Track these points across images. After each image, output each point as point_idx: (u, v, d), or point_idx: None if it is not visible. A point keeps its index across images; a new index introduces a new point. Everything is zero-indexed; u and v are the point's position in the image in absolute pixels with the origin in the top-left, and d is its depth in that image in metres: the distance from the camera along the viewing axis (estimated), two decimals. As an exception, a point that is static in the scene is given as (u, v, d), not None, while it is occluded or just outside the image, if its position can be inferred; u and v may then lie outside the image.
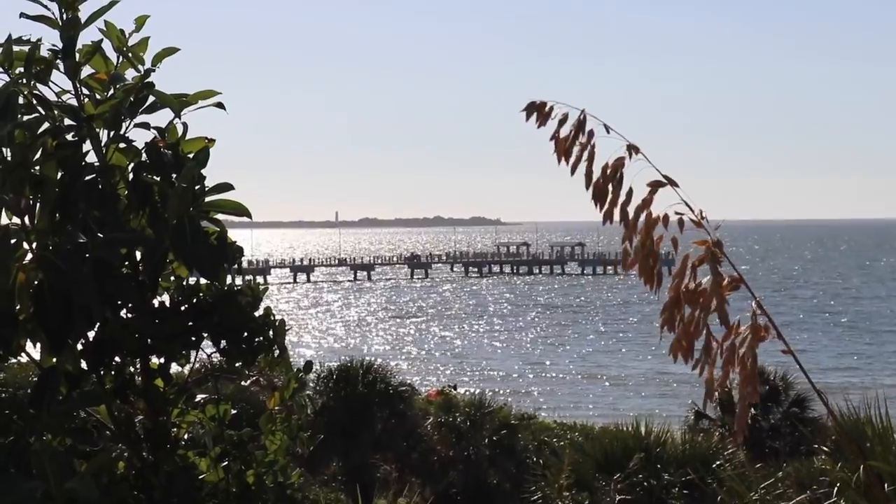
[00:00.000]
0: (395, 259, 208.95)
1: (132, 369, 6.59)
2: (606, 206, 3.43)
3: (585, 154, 3.46)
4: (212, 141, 6.46)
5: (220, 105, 6.36)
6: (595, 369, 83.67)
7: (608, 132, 3.45)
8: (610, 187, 3.42)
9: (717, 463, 16.98)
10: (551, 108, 3.55)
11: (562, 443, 25.11)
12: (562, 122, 3.52)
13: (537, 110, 3.54)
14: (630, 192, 3.42)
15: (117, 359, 6.50)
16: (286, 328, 6.87)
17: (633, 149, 3.41)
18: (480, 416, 28.75)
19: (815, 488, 8.38)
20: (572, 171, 3.47)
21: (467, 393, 36.76)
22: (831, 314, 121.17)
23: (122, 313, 6.34)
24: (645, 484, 16.55)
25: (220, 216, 6.45)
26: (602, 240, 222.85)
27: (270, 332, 6.70)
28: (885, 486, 6.55)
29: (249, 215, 6.40)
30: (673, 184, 3.32)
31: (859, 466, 7.06)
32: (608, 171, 3.42)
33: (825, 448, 7.81)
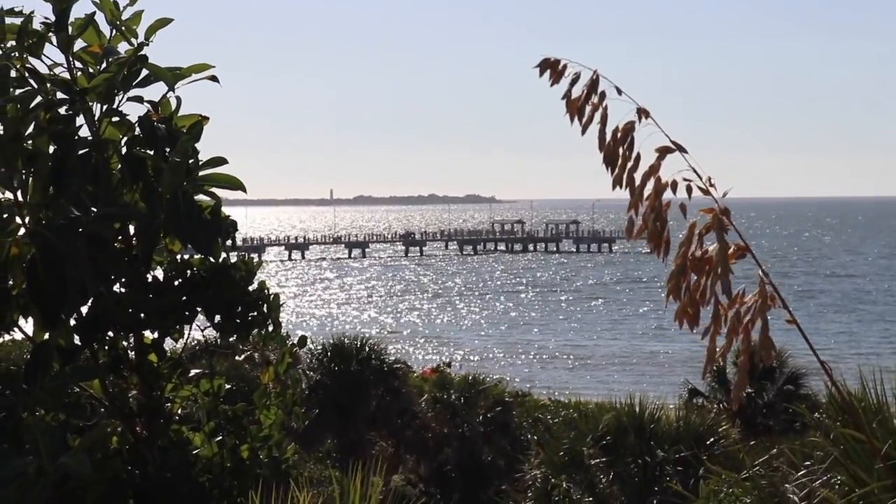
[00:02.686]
0: (389, 237, 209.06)
1: (125, 344, 6.58)
2: (617, 170, 3.38)
3: (597, 115, 3.41)
4: (205, 119, 6.42)
5: (213, 78, 6.32)
6: (589, 347, 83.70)
7: (619, 94, 3.40)
8: (620, 151, 3.37)
9: (711, 440, 16.99)
10: (564, 67, 3.50)
11: (556, 420, 25.13)
12: (574, 81, 3.47)
13: (551, 67, 3.49)
14: (638, 158, 3.38)
15: (110, 334, 6.48)
16: (280, 303, 6.85)
17: (643, 113, 3.36)
18: (475, 393, 28.77)
19: (809, 464, 8.36)
20: (583, 131, 3.42)
21: (462, 369, 36.78)
22: (819, 293, 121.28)
23: (116, 288, 6.32)
24: (639, 461, 16.57)
25: (214, 191, 6.42)
26: (598, 217, 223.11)
27: (265, 307, 6.69)
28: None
29: (244, 189, 6.36)
30: (682, 150, 3.28)
31: (850, 441, 7.06)
32: (618, 135, 3.37)
33: (826, 421, 7.81)
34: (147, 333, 6.57)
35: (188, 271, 6.57)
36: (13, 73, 6.03)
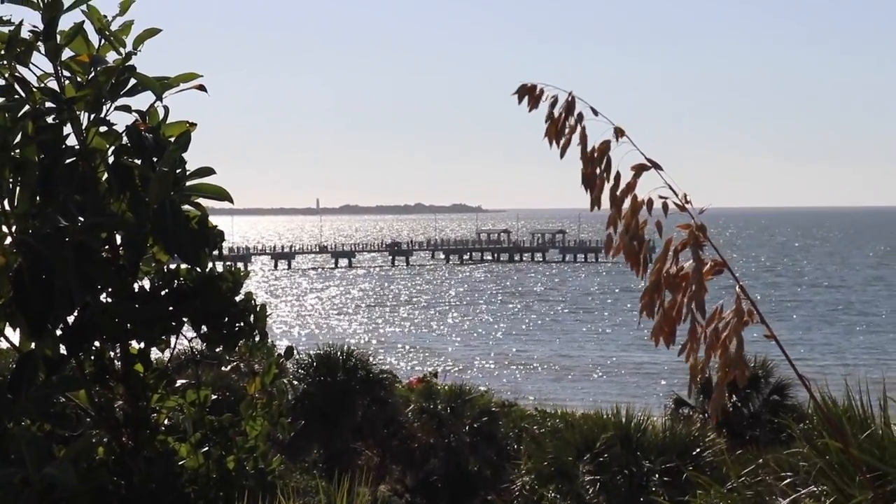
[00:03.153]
0: (376, 246, 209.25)
1: (112, 354, 6.56)
2: (595, 191, 3.43)
3: (576, 137, 3.45)
4: (193, 125, 6.42)
5: (201, 87, 6.32)
6: (575, 357, 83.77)
7: (596, 115, 3.45)
8: (598, 171, 3.41)
9: (697, 450, 17.02)
10: (542, 91, 3.55)
11: (542, 430, 25.14)
12: (552, 104, 3.51)
13: (528, 93, 3.54)
14: (618, 176, 3.42)
15: (97, 343, 6.47)
16: (267, 314, 6.85)
17: (619, 132, 3.40)
18: (461, 403, 28.78)
19: (794, 475, 8.38)
20: (562, 154, 3.47)
21: (447, 380, 36.78)
22: (805, 303, 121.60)
23: (102, 298, 6.31)
24: (625, 471, 16.59)
25: (200, 201, 6.42)
26: (584, 227, 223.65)
27: (251, 317, 6.68)
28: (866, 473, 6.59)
29: (231, 199, 6.36)
30: (657, 167, 3.32)
31: (836, 452, 7.09)
32: (595, 155, 3.41)
33: (811, 432, 7.84)
34: (133, 343, 6.56)
35: (175, 281, 6.57)
36: (1, 82, 6.03)
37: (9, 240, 5.92)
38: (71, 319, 6.22)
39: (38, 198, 5.95)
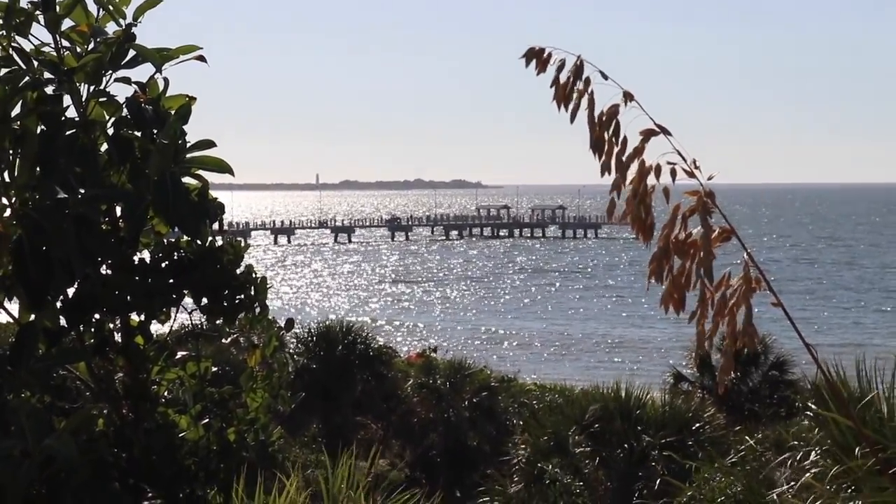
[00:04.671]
0: (375, 221, 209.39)
1: (112, 326, 6.55)
2: (604, 156, 3.40)
3: (584, 101, 3.42)
4: (192, 98, 6.38)
5: (201, 58, 6.28)
6: (574, 333, 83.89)
7: (605, 79, 3.42)
8: (606, 135, 3.38)
9: (697, 425, 17.04)
10: (549, 55, 3.51)
11: (541, 405, 25.15)
12: (560, 68, 3.48)
13: (536, 56, 3.51)
14: (625, 141, 3.39)
15: (97, 316, 6.45)
16: (267, 286, 6.83)
17: (627, 96, 3.37)
18: (460, 378, 28.81)
19: (795, 449, 8.39)
20: (572, 119, 3.44)
21: (448, 354, 36.84)
22: (800, 279, 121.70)
23: (102, 270, 6.29)
24: (625, 445, 16.61)
25: (201, 173, 6.39)
26: (583, 203, 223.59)
27: (252, 290, 6.66)
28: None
29: (231, 172, 6.34)
30: (666, 132, 3.29)
31: (836, 425, 7.09)
32: (603, 119, 3.38)
33: (812, 406, 7.84)
34: (133, 316, 6.54)
35: (175, 254, 6.54)
36: (0, 53, 5.99)
37: (8, 211, 5.90)
38: (71, 291, 6.20)
39: (37, 169, 5.93)
